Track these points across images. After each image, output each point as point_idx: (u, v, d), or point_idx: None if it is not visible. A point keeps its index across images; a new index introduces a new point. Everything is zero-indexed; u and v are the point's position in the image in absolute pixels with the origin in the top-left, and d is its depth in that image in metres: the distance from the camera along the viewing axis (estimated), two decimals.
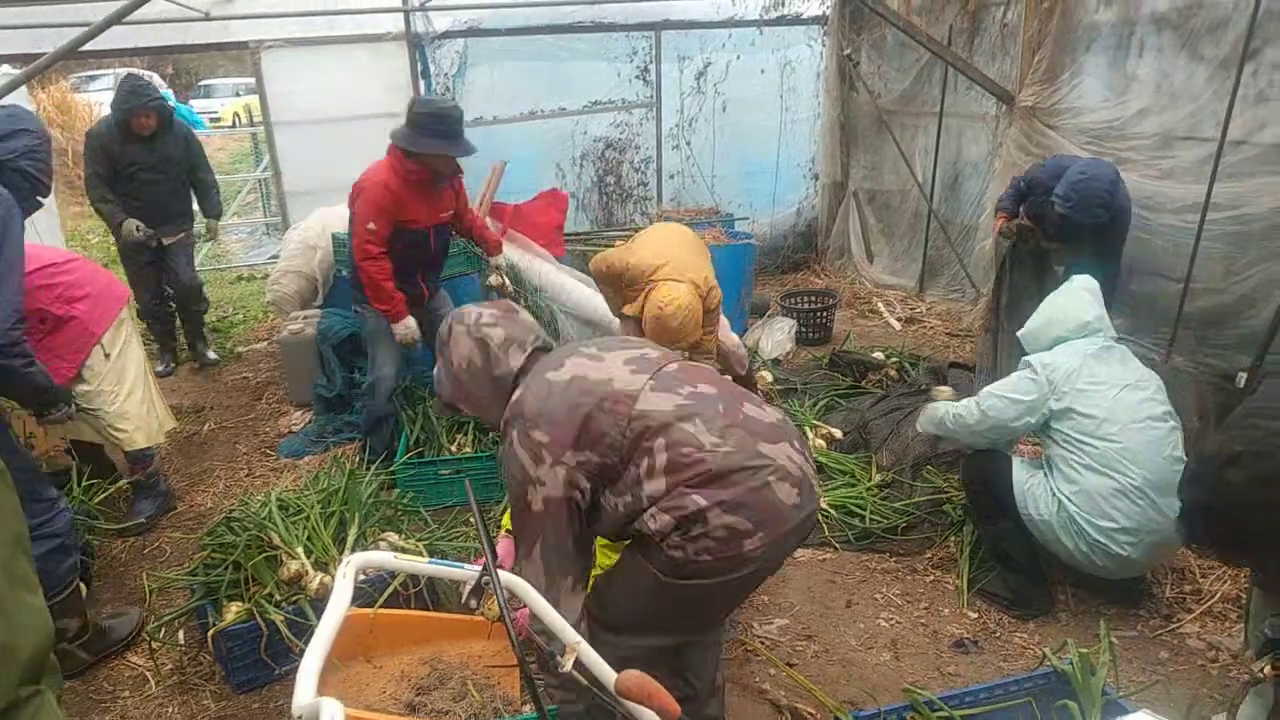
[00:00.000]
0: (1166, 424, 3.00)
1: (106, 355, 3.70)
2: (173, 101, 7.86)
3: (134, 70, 5.90)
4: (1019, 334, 3.40)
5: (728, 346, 4.51)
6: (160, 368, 5.82)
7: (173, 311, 5.98)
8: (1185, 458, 2.99)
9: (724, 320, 4.55)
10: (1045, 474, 3.09)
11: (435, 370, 2.28)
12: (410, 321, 4.15)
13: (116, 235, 5.48)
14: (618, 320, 4.47)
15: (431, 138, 3.82)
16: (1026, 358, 3.22)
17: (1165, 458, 2.93)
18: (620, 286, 4.14)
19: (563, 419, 1.97)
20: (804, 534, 2.07)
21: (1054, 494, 3.01)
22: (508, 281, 4.65)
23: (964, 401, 3.35)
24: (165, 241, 5.59)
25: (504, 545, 3.19)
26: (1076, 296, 3.27)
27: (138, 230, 5.32)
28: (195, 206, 5.94)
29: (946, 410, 3.42)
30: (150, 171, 5.36)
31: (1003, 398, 3.18)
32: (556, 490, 1.94)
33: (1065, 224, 4.32)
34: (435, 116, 3.81)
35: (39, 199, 2.99)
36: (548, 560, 1.96)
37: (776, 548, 1.97)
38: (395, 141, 3.91)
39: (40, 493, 2.85)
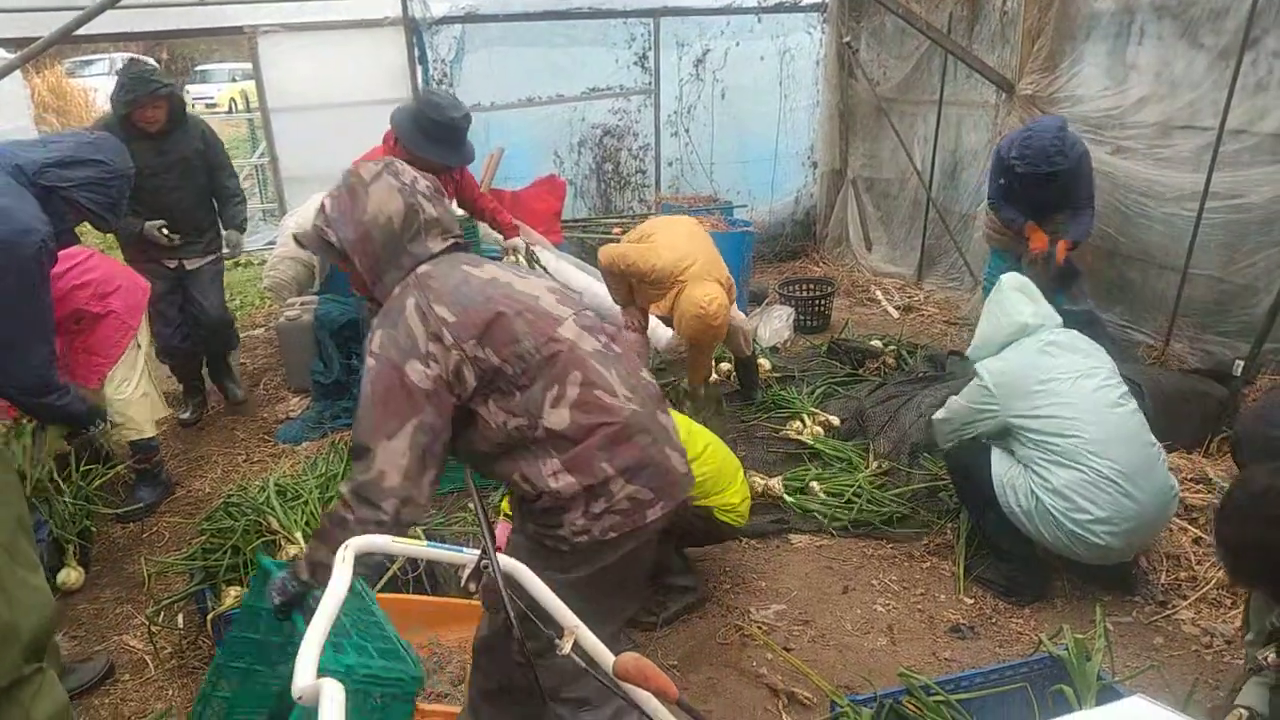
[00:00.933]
0: (1126, 406, 3.01)
1: (139, 345, 3.70)
2: None
3: (136, 55, 4.77)
4: (968, 351, 3.43)
5: (736, 322, 4.54)
6: (184, 414, 4.93)
7: (199, 350, 4.91)
8: (1151, 437, 3.02)
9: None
10: (1023, 468, 3.09)
11: (325, 204, 1.98)
12: None
13: (136, 249, 4.49)
14: (619, 308, 4.49)
15: (435, 144, 3.81)
16: (976, 365, 3.25)
17: (1131, 441, 2.94)
18: (634, 282, 4.20)
19: (474, 307, 1.84)
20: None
21: (1031, 489, 3.02)
22: (524, 263, 4.61)
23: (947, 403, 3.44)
24: (188, 265, 4.62)
25: (502, 529, 3.19)
26: (1008, 300, 3.28)
27: (162, 231, 4.37)
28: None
29: (937, 415, 3.52)
30: (161, 177, 4.38)
31: (962, 404, 3.30)
32: (445, 375, 1.81)
33: (1028, 181, 4.41)
34: (443, 126, 3.79)
35: (76, 234, 2.90)
36: (418, 442, 1.79)
37: (669, 518, 1.95)
38: (396, 133, 3.87)
39: None
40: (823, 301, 6.22)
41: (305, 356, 5.18)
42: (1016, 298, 3.26)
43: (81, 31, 4.52)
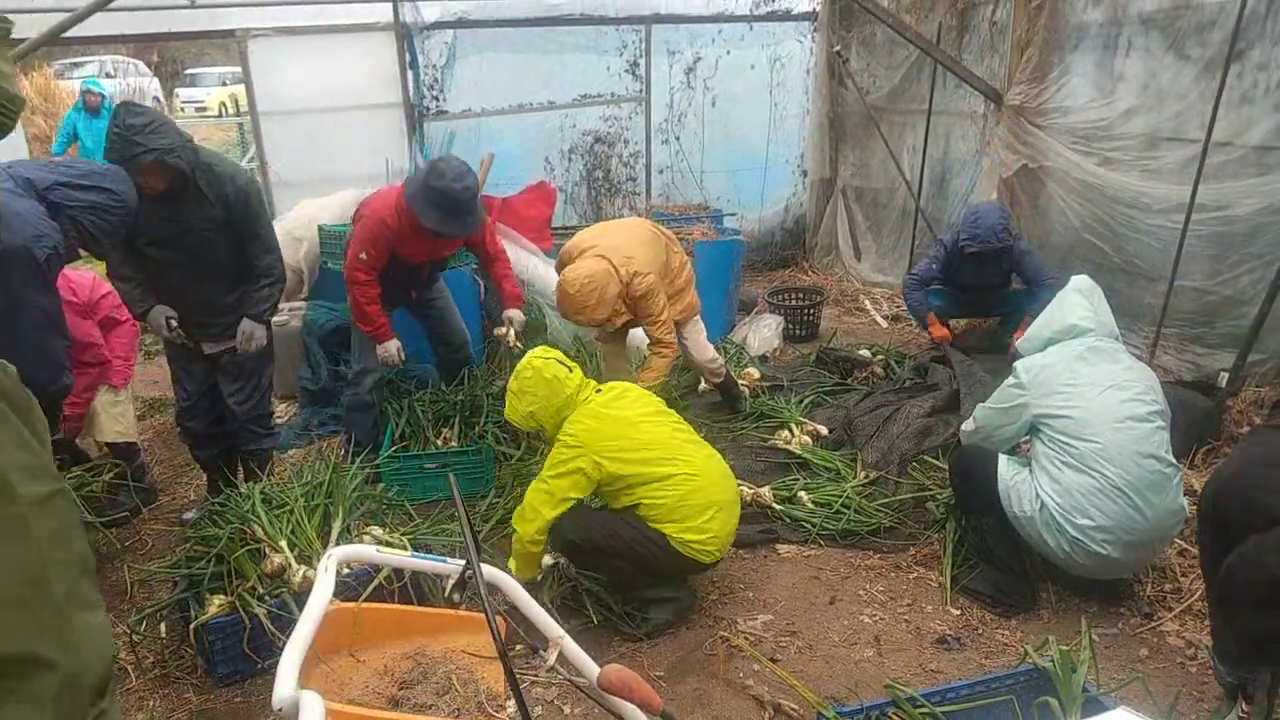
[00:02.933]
0: (1150, 424, 3.00)
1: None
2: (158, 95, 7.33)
3: (129, 101, 3.10)
4: (1018, 343, 3.44)
5: (700, 360, 4.58)
6: (188, 514, 3.98)
7: (219, 440, 3.94)
8: (1170, 459, 3.01)
9: (701, 331, 4.55)
10: (1030, 472, 3.11)
11: None
12: (393, 344, 4.17)
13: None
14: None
15: (437, 212, 3.79)
16: (1014, 363, 3.26)
17: (1144, 457, 2.94)
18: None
19: None
20: None
21: (1037, 492, 3.03)
22: (513, 336, 4.37)
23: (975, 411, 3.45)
24: (206, 350, 3.69)
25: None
26: (1066, 299, 3.30)
27: (170, 325, 3.55)
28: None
29: (965, 426, 3.51)
30: (166, 248, 3.45)
31: (989, 409, 3.30)
32: None
33: (983, 258, 4.80)
34: (445, 195, 3.76)
35: (80, 250, 2.94)
36: None
37: None
38: (407, 195, 3.85)
39: None
40: (812, 310, 6.23)
41: (292, 363, 5.16)
42: (1076, 298, 3.26)
43: (71, 33, 4.50)
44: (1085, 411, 2.99)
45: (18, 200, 2.61)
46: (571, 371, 3.11)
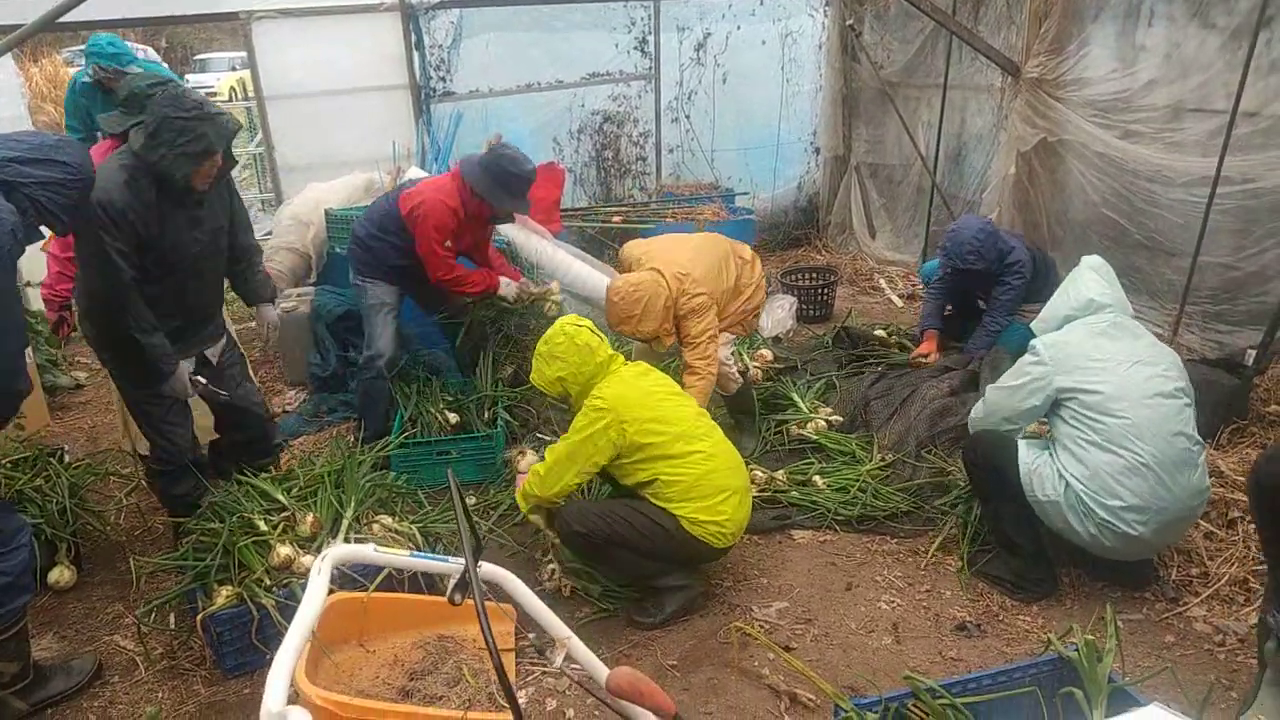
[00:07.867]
0: (1178, 400, 2.93)
1: None
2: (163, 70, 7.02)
3: (170, 86, 3.00)
4: (1032, 324, 3.35)
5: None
6: None
7: (221, 464, 3.60)
8: (1197, 436, 2.93)
9: (722, 340, 4.39)
10: (1051, 455, 3.03)
11: None
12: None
13: (159, 383, 3.14)
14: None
15: (506, 194, 3.98)
16: (1032, 340, 3.17)
17: (1173, 434, 2.87)
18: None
19: None
20: None
21: (1060, 475, 2.95)
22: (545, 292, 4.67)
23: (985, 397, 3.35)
24: (214, 359, 3.41)
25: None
26: (1082, 276, 3.22)
27: (196, 383, 3.24)
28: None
29: (973, 415, 3.41)
30: (190, 258, 3.07)
31: (1001, 388, 3.20)
32: None
33: (958, 276, 4.67)
34: (517, 178, 3.96)
35: (42, 230, 2.73)
36: None
37: None
38: (469, 180, 3.95)
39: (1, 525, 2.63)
40: (826, 290, 6.14)
41: (302, 349, 5.12)
42: (1090, 275, 3.19)
43: (73, 18, 4.44)
44: (1113, 386, 2.90)
45: None
46: (602, 341, 3.15)
